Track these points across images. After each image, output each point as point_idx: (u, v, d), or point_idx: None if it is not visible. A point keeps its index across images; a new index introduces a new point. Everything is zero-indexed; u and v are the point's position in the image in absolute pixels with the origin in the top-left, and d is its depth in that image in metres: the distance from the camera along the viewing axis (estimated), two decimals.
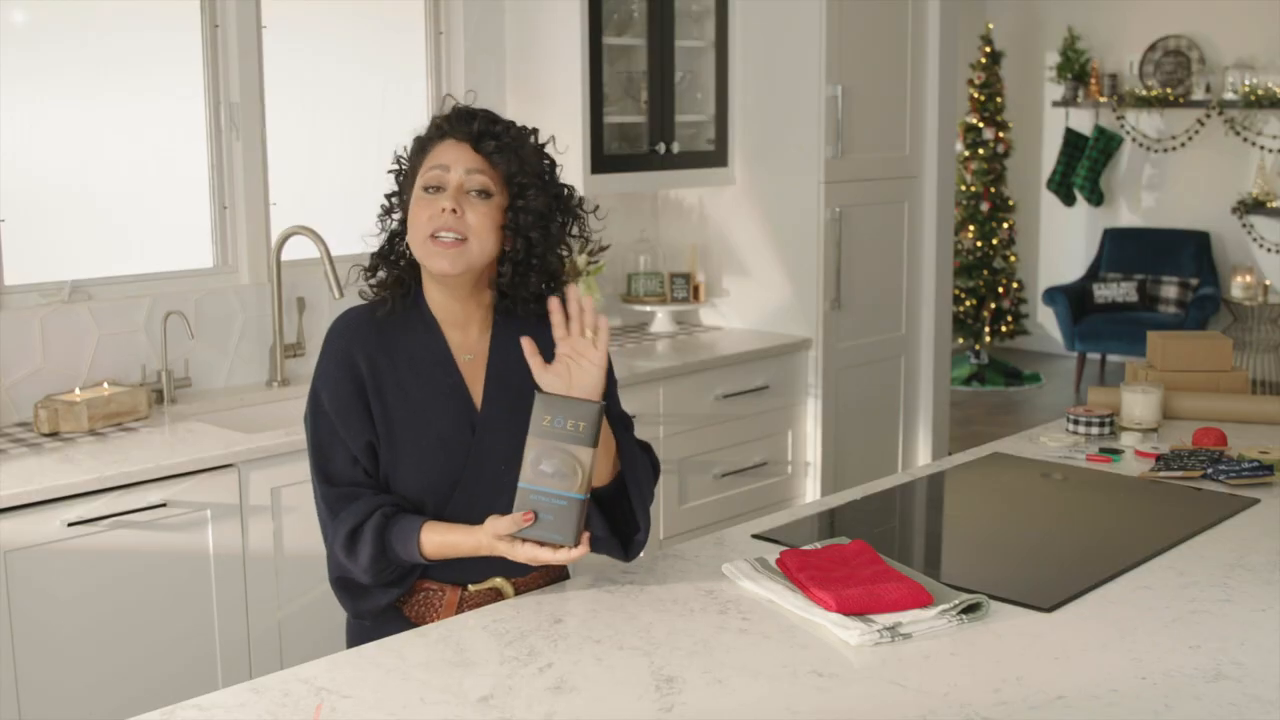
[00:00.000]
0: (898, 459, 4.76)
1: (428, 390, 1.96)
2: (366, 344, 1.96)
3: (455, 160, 1.95)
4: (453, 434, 1.95)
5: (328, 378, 1.96)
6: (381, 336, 1.97)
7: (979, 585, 1.95)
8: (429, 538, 1.90)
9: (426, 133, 2.01)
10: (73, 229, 3.41)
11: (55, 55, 3.32)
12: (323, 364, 1.97)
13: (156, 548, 2.83)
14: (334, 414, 1.94)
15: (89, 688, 2.76)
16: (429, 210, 1.93)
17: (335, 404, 1.94)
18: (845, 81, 4.31)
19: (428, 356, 1.97)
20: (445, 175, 1.95)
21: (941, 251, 4.77)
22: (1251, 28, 7.95)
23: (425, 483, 1.94)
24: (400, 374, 1.96)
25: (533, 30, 4.09)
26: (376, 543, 1.90)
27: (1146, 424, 2.90)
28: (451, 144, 1.97)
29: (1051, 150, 8.81)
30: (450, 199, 1.93)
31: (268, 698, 1.63)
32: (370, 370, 1.95)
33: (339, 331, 1.99)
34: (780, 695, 1.63)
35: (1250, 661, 1.72)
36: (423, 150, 2.00)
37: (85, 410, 3.05)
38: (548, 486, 1.79)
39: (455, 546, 1.90)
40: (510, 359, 1.98)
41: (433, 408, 1.96)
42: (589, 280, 4.15)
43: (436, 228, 1.92)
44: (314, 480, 1.98)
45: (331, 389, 1.95)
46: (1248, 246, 8.11)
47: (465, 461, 1.95)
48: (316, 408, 1.96)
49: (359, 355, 1.95)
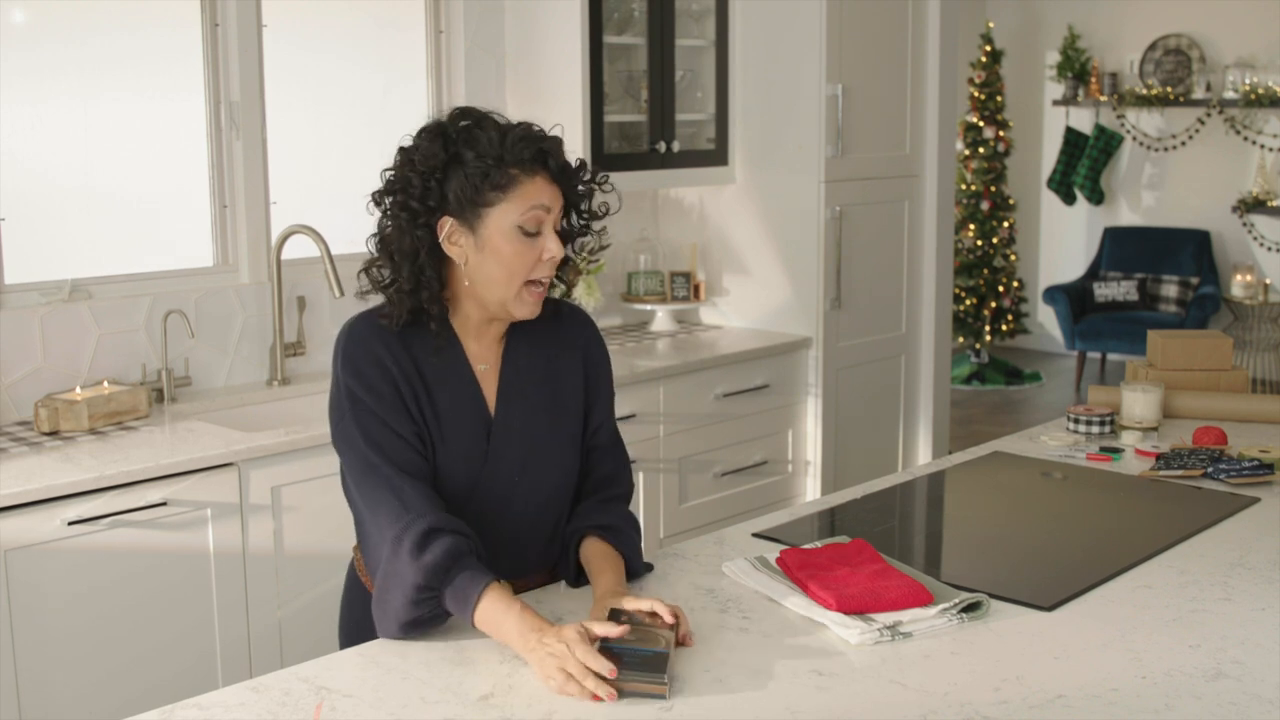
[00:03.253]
0: (898, 458, 4.76)
1: (448, 398, 1.92)
2: (391, 349, 1.88)
3: (553, 200, 1.86)
4: (469, 442, 1.93)
5: (362, 376, 1.86)
6: (402, 345, 1.90)
7: (979, 584, 1.96)
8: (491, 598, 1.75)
9: (507, 157, 1.82)
10: (73, 228, 3.41)
11: (55, 55, 3.32)
12: (352, 366, 1.87)
13: (156, 547, 2.83)
14: (378, 408, 1.85)
15: (89, 687, 2.76)
16: (529, 255, 1.84)
17: (377, 399, 1.85)
18: (845, 80, 4.31)
19: (447, 366, 1.92)
20: (546, 216, 1.85)
21: (942, 250, 4.76)
22: (1252, 27, 7.95)
23: (445, 488, 1.90)
24: (425, 381, 1.90)
25: (533, 29, 4.09)
26: (449, 557, 1.76)
27: (1147, 423, 2.90)
28: (545, 181, 1.85)
29: (1052, 149, 8.81)
30: (556, 245, 1.86)
31: (268, 697, 1.63)
32: (401, 373, 1.88)
33: (361, 337, 1.89)
34: (780, 694, 1.63)
35: (1250, 660, 1.72)
36: (509, 179, 1.83)
37: (85, 409, 3.05)
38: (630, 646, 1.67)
39: (500, 627, 1.73)
40: (522, 368, 1.98)
41: (454, 415, 1.92)
42: (589, 280, 4.15)
43: (540, 275, 1.87)
44: (375, 472, 1.84)
45: (368, 385, 1.86)
46: (1248, 245, 8.11)
47: (481, 468, 1.93)
48: (355, 402, 1.86)
49: (387, 358, 1.88)
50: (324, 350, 3.74)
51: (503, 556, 1.96)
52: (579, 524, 2.01)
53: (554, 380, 2.00)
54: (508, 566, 1.97)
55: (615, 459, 2.08)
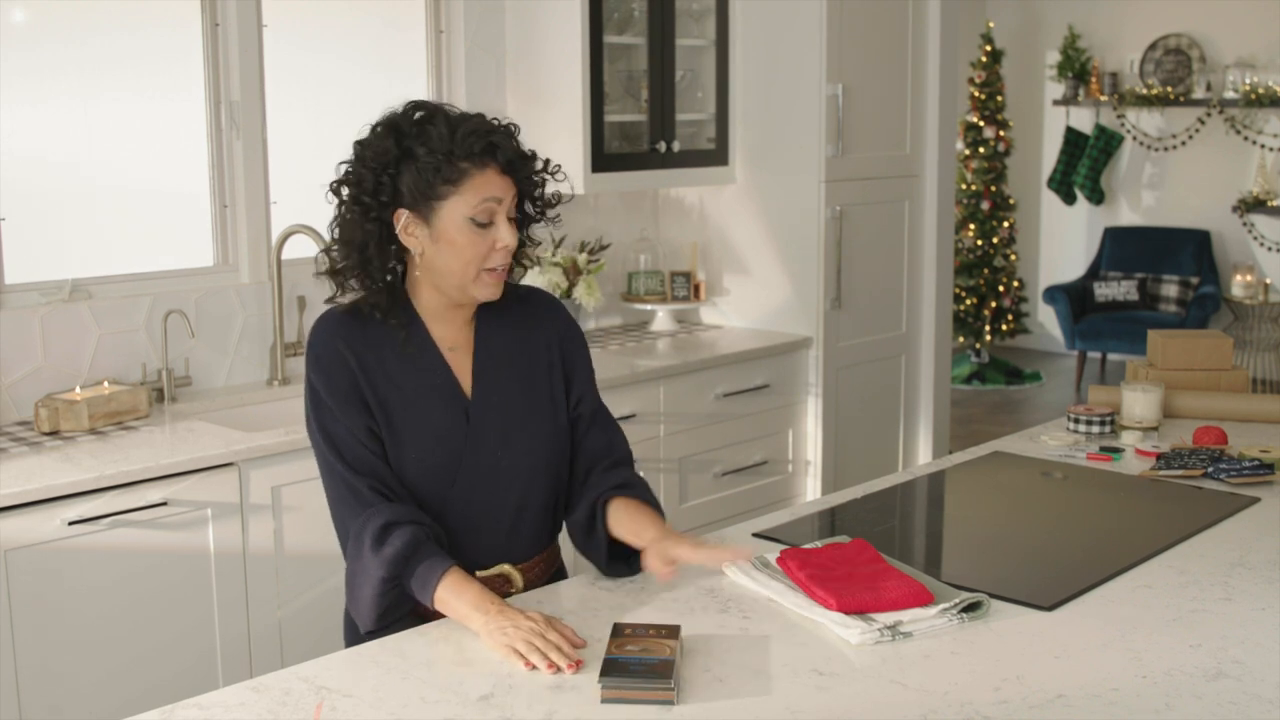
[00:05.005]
0: (898, 458, 4.76)
1: (418, 382, 1.96)
2: (353, 342, 1.95)
3: (504, 191, 1.91)
4: (447, 424, 1.96)
5: (321, 373, 1.94)
6: (366, 334, 1.96)
7: (979, 584, 1.96)
8: (450, 580, 1.83)
9: (458, 150, 1.87)
10: (73, 228, 3.41)
11: (55, 55, 3.32)
12: (312, 362, 1.96)
13: (157, 546, 2.83)
14: (334, 405, 1.93)
15: (89, 687, 2.76)
16: (482, 245, 1.90)
17: (333, 395, 1.93)
18: (846, 80, 4.31)
19: (414, 353, 1.97)
20: (498, 207, 1.91)
21: (942, 250, 4.76)
22: (1252, 26, 7.95)
23: (427, 472, 1.95)
24: (389, 369, 1.95)
25: (533, 29, 4.09)
26: (409, 547, 1.84)
27: (1147, 423, 2.90)
28: (495, 173, 1.90)
29: (1052, 149, 8.81)
30: (509, 234, 1.91)
31: (268, 697, 1.63)
32: (360, 366, 1.94)
33: (323, 331, 1.97)
34: (781, 694, 1.63)
35: (1251, 660, 1.72)
36: (460, 173, 1.87)
37: (86, 409, 3.05)
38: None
39: (457, 601, 1.81)
40: (496, 348, 2.02)
41: (426, 399, 1.96)
42: (589, 280, 4.15)
43: (495, 264, 1.92)
44: (332, 471, 1.93)
45: (326, 381, 1.93)
46: (1248, 245, 8.11)
47: (463, 449, 1.96)
48: (317, 403, 1.95)
49: (347, 352, 1.94)
50: None
51: (494, 538, 1.99)
52: (592, 494, 2.04)
53: (527, 358, 2.04)
54: (499, 548, 2.00)
55: (605, 429, 2.11)
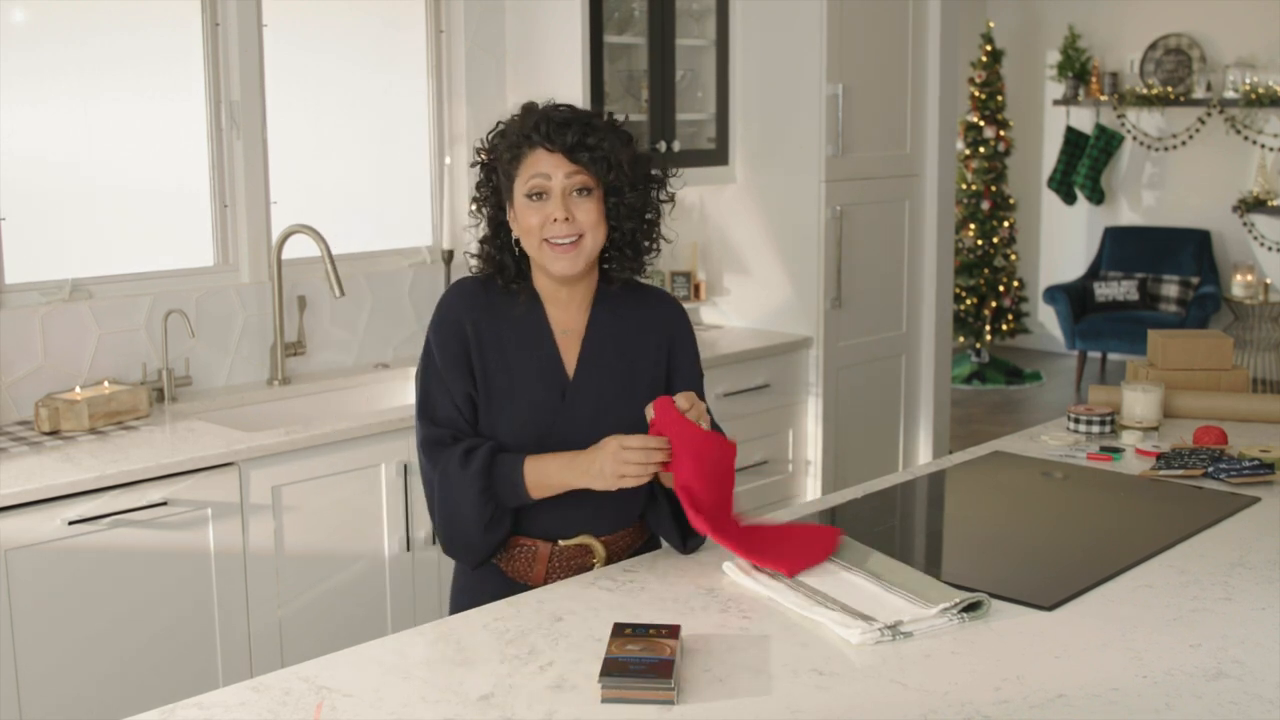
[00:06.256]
0: (898, 457, 4.76)
1: (523, 358, 2.11)
2: (474, 310, 2.12)
3: (553, 168, 2.05)
4: (544, 398, 2.10)
5: (439, 334, 2.11)
6: (489, 306, 2.13)
7: (980, 584, 1.95)
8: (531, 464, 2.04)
9: (516, 138, 2.07)
10: (73, 227, 3.41)
11: (55, 55, 3.32)
12: (435, 323, 2.13)
13: (157, 546, 2.83)
14: (442, 367, 2.10)
15: (89, 687, 2.76)
16: (537, 217, 2.05)
17: (443, 358, 2.10)
18: (846, 80, 4.31)
19: (528, 329, 2.12)
20: (547, 183, 2.05)
21: (942, 250, 4.76)
22: (1252, 26, 7.95)
23: (517, 438, 2.08)
24: (502, 341, 2.11)
25: (533, 29, 4.09)
26: (487, 458, 2.04)
27: (1147, 422, 2.90)
28: (544, 153, 2.05)
29: (1052, 149, 8.81)
30: (559, 207, 2.04)
31: (268, 696, 1.63)
32: (475, 334, 2.10)
33: (452, 296, 2.14)
34: (781, 694, 1.63)
35: (1251, 660, 1.72)
36: (516, 156, 2.07)
37: (86, 409, 3.05)
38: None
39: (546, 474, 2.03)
40: (604, 336, 2.14)
41: (528, 373, 2.10)
42: None
43: (551, 235, 2.05)
44: (419, 427, 2.12)
45: (440, 344, 2.11)
46: (1248, 245, 8.11)
47: (554, 421, 2.09)
48: (428, 361, 2.12)
49: (466, 320, 2.10)
50: (324, 350, 3.74)
51: (578, 511, 2.09)
52: None
53: (633, 346, 2.16)
54: (584, 520, 2.12)
55: None
